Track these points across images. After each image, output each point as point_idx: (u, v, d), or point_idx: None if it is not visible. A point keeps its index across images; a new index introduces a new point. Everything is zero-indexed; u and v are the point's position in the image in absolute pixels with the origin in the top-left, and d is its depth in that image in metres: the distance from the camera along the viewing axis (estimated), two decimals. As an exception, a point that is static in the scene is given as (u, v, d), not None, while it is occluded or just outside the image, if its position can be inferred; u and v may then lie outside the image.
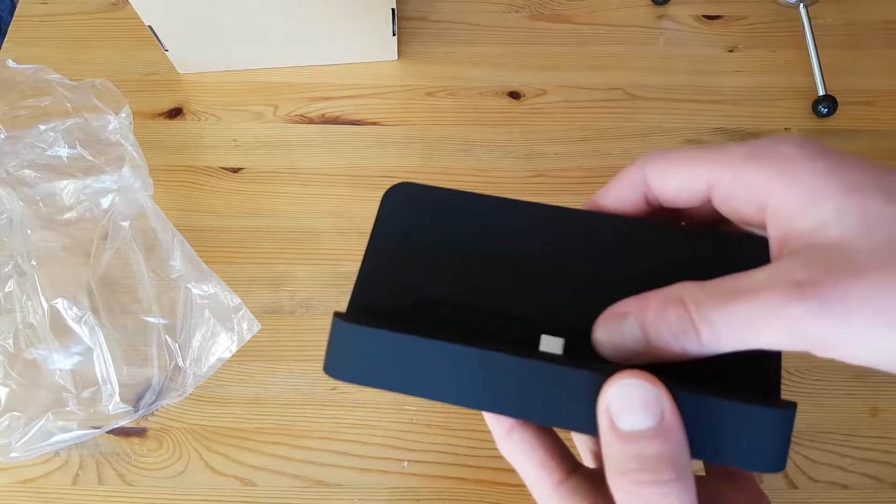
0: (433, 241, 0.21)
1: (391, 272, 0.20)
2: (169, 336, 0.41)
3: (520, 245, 0.20)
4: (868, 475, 0.40)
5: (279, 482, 0.39)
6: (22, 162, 0.44)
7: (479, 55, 0.54)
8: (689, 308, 0.17)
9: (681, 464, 0.16)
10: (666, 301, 0.17)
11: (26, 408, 0.38)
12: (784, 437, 0.16)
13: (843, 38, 0.54)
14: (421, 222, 0.21)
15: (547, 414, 0.17)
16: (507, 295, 0.20)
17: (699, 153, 0.20)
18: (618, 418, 0.16)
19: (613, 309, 0.18)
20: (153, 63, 0.52)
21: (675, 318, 0.17)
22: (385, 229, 0.21)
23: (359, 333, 0.18)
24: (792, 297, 0.15)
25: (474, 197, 0.21)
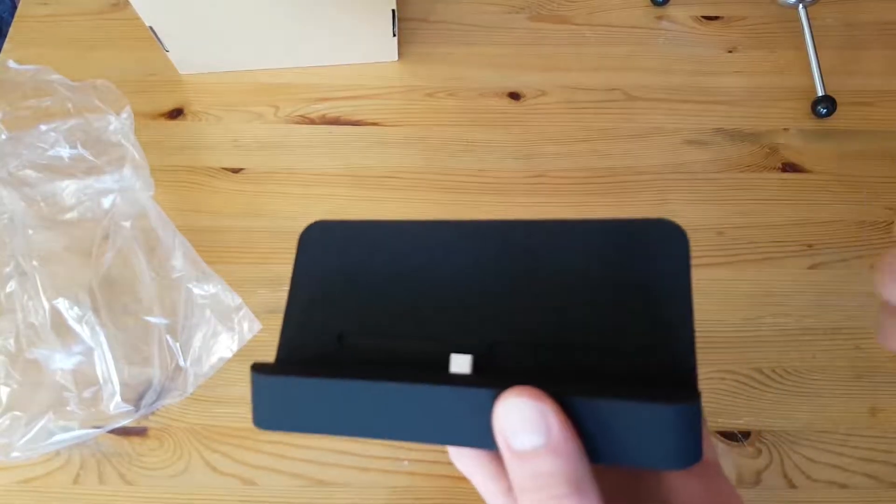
0: (351, 275, 0.21)
1: (313, 312, 0.21)
2: (170, 336, 0.41)
3: (433, 265, 0.20)
4: (867, 475, 0.40)
5: (280, 481, 0.39)
6: (23, 162, 0.44)
7: (479, 56, 0.54)
8: None
9: (577, 476, 0.16)
10: None
11: (27, 407, 0.38)
12: (687, 432, 0.16)
13: (843, 39, 0.54)
14: (338, 258, 0.21)
15: (463, 437, 0.17)
16: (421, 317, 0.20)
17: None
18: (509, 438, 0.16)
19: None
20: (154, 64, 0.52)
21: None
22: (304, 270, 0.22)
23: (274, 384, 0.19)
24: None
25: (386, 225, 0.21)
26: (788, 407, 0.41)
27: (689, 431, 0.16)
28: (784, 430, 0.41)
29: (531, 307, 0.19)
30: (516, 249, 0.20)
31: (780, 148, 0.50)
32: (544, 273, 0.19)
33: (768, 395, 0.42)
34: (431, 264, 0.20)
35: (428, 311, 0.20)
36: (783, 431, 0.41)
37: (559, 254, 0.19)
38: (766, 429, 0.41)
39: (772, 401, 0.41)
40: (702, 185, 0.48)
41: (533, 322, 0.19)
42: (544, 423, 0.16)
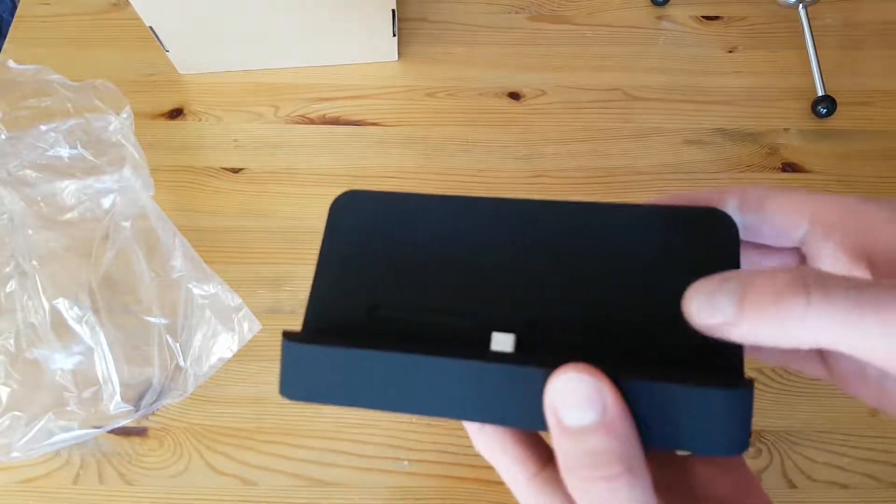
0: (384, 247, 0.20)
1: (344, 282, 0.20)
2: (170, 336, 0.41)
3: (472, 241, 0.20)
4: (867, 475, 0.40)
5: (280, 481, 0.39)
6: (23, 162, 0.44)
7: (479, 56, 0.54)
8: (807, 275, 0.15)
9: (630, 456, 0.16)
10: (780, 268, 0.16)
11: (27, 407, 0.38)
12: (740, 418, 0.16)
13: (843, 39, 0.54)
14: (370, 229, 0.21)
15: (503, 415, 0.17)
16: (460, 293, 0.19)
17: (802, 190, 0.19)
18: (562, 414, 0.16)
19: (720, 274, 0.17)
20: (154, 63, 0.52)
21: (787, 279, 0.15)
22: (335, 239, 0.21)
23: (307, 352, 0.18)
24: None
25: (421, 198, 0.21)
26: (788, 407, 0.41)
27: (741, 417, 0.16)
28: (784, 430, 0.41)
29: (574, 289, 0.18)
30: (560, 229, 0.19)
31: (780, 148, 0.50)
32: (589, 255, 0.19)
33: (768, 394, 0.42)
34: (469, 240, 0.20)
35: (465, 287, 0.19)
36: (783, 431, 0.41)
37: (605, 237, 0.19)
38: (766, 429, 0.41)
39: (772, 401, 0.41)
40: (702, 185, 0.48)
41: (576, 303, 0.18)
42: (600, 399, 0.15)
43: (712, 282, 0.16)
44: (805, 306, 0.14)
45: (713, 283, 0.16)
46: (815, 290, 0.14)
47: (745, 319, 0.15)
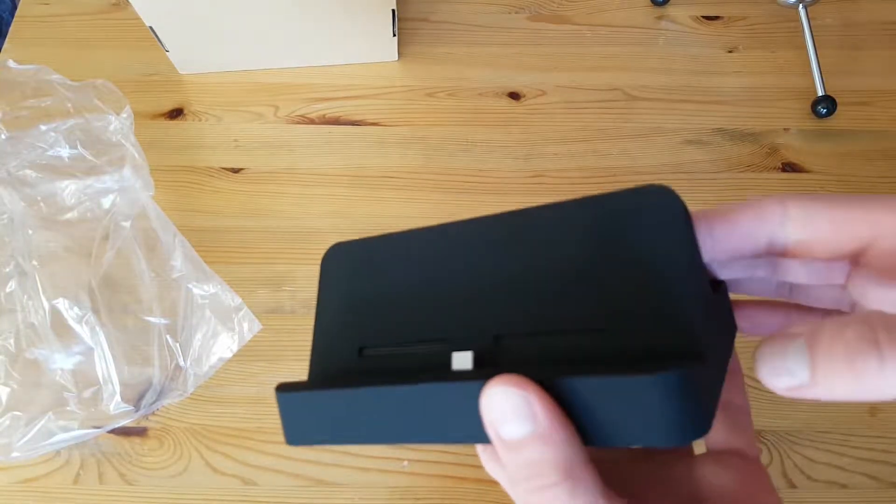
0: (367, 290, 0.22)
1: (337, 330, 0.22)
2: (170, 336, 0.41)
3: (437, 268, 0.20)
4: (867, 474, 0.40)
5: (280, 481, 0.39)
6: (23, 162, 0.44)
7: (479, 56, 0.54)
8: (877, 327, 0.14)
9: (568, 461, 0.15)
10: (845, 322, 0.15)
11: (27, 407, 0.38)
12: (676, 404, 0.15)
13: (843, 39, 0.54)
14: (355, 276, 0.22)
15: (465, 434, 0.17)
16: (428, 320, 0.20)
17: (857, 197, 0.17)
18: (498, 428, 0.16)
19: (783, 330, 0.16)
20: (154, 63, 0.52)
21: (856, 335, 0.14)
22: (328, 291, 0.23)
23: (298, 400, 0.20)
24: None
25: (397, 236, 0.22)
26: (788, 407, 0.41)
27: (678, 403, 0.15)
28: (784, 430, 0.41)
29: (530, 296, 0.19)
30: (512, 240, 0.20)
31: (780, 148, 0.50)
32: (540, 260, 0.19)
33: (768, 394, 0.41)
34: (436, 268, 0.21)
35: (434, 313, 0.20)
36: (783, 431, 0.41)
37: (554, 238, 0.19)
38: (766, 428, 0.41)
39: (772, 400, 0.41)
40: (701, 185, 0.48)
41: (533, 311, 0.18)
42: (529, 410, 0.15)
43: (778, 343, 0.15)
44: (879, 363, 0.14)
45: (779, 344, 0.15)
46: (887, 346, 0.13)
47: (819, 384, 0.15)
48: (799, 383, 0.15)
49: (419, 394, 0.17)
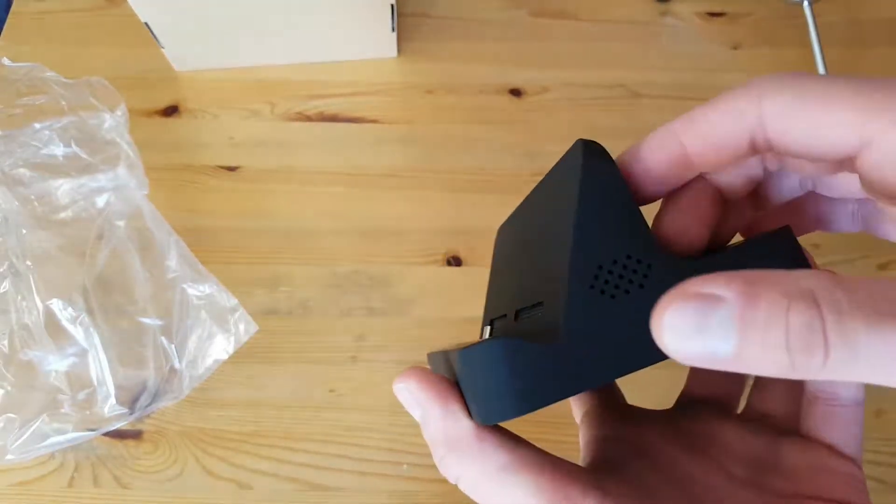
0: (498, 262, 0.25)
1: (490, 300, 0.25)
2: (165, 337, 0.40)
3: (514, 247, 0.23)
4: (872, 477, 0.39)
5: (276, 485, 0.39)
6: (17, 161, 0.43)
7: (480, 52, 0.53)
8: (825, 315, 0.11)
9: (450, 437, 0.17)
10: (788, 296, 0.12)
11: (21, 409, 0.38)
12: (497, 376, 0.15)
13: (848, 36, 0.54)
14: (498, 251, 0.25)
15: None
16: (502, 297, 0.22)
17: (851, 89, 0.14)
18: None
19: (694, 286, 0.12)
20: (149, 60, 0.51)
21: (801, 324, 0.11)
22: (493, 265, 0.25)
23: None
24: None
25: (518, 211, 0.24)
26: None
27: (498, 374, 0.15)
28: (789, 434, 0.40)
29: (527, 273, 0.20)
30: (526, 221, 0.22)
31: (785, 146, 0.49)
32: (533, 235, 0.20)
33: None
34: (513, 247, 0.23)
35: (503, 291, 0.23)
36: (788, 434, 0.40)
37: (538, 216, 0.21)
38: (771, 432, 0.40)
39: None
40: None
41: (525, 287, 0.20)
42: (413, 398, 0.17)
43: (695, 307, 0.12)
44: (823, 361, 0.12)
45: (697, 309, 0.12)
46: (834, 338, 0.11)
47: (743, 364, 0.12)
48: (716, 357, 0.12)
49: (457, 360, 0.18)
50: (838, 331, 0.11)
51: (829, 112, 0.14)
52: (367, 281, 0.44)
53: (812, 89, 0.14)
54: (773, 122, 0.15)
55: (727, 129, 0.16)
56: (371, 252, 0.45)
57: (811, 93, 0.14)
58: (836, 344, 0.11)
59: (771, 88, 0.15)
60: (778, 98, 0.15)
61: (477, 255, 0.45)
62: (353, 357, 0.42)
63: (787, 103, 0.14)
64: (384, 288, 0.44)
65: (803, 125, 0.14)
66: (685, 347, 0.12)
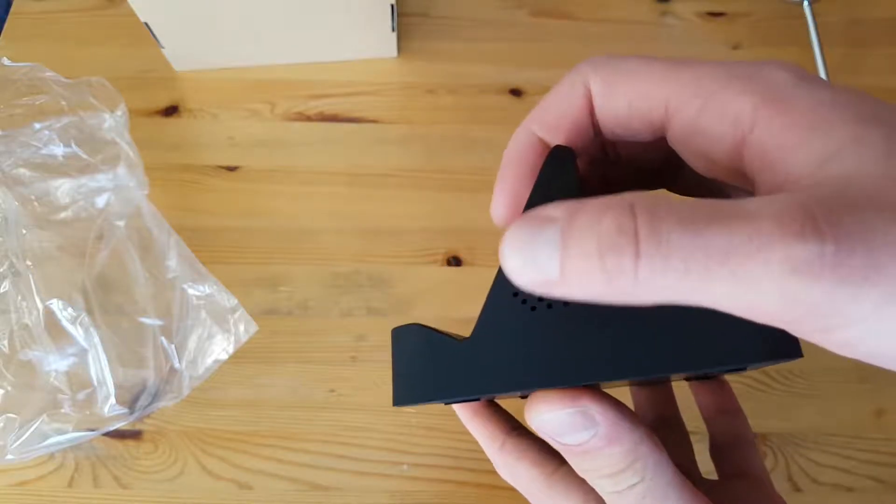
0: None
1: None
2: (165, 337, 0.40)
3: None
4: (873, 477, 0.39)
5: (276, 486, 0.39)
6: (17, 160, 0.43)
7: (480, 52, 0.53)
8: (638, 216, 0.11)
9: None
10: (607, 205, 0.12)
11: (21, 409, 0.38)
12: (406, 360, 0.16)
13: (848, 36, 0.54)
14: None
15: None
16: None
17: (660, 64, 0.15)
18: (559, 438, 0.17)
19: (538, 211, 0.13)
20: (149, 60, 0.51)
21: (613, 226, 0.11)
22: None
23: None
24: (796, 233, 0.10)
25: None
26: (793, 409, 0.41)
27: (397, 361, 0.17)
28: (789, 433, 0.40)
29: None
30: None
31: (785, 146, 0.49)
32: None
33: (773, 397, 0.41)
34: None
35: None
36: (788, 434, 0.40)
37: None
38: (771, 431, 0.40)
39: (777, 403, 0.41)
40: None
41: None
42: (581, 420, 0.15)
43: (528, 227, 0.12)
44: (633, 264, 0.11)
45: (530, 228, 0.12)
46: (645, 242, 0.11)
47: (569, 282, 0.12)
48: (546, 278, 0.12)
49: None
50: (649, 228, 0.11)
51: (644, 81, 0.15)
52: (367, 281, 0.44)
53: (629, 64, 0.15)
54: (597, 96, 0.16)
55: (565, 113, 0.17)
56: (371, 252, 0.45)
57: (628, 67, 0.15)
58: (646, 242, 0.11)
59: (596, 64, 0.16)
60: (601, 71, 0.16)
61: (477, 255, 0.45)
62: (353, 357, 0.42)
63: (607, 76, 0.16)
64: (384, 288, 0.44)
65: (621, 97, 0.15)
66: (520, 270, 0.12)
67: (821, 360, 0.42)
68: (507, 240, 0.13)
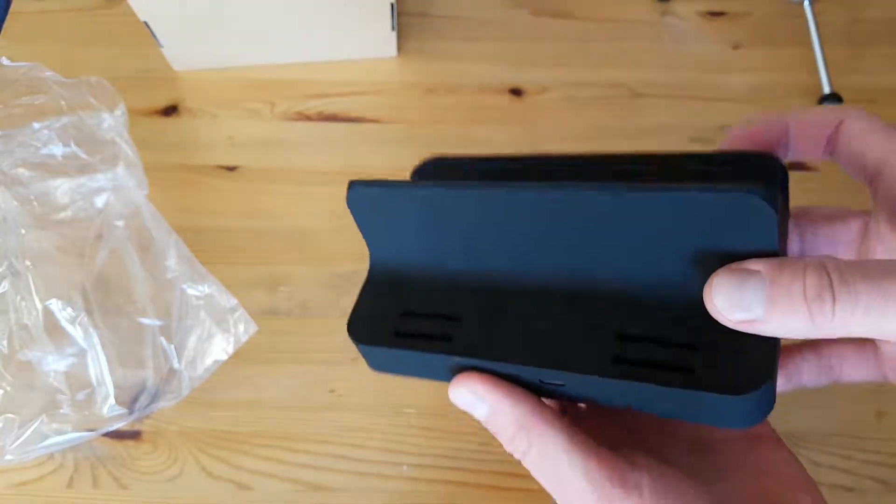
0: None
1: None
2: (164, 338, 0.40)
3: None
4: (874, 478, 0.39)
5: (276, 486, 0.39)
6: (16, 160, 0.43)
7: (480, 51, 0.53)
8: (832, 273, 0.15)
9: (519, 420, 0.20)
10: (807, 265, 0.16)
11: (20, 410, 0.38)
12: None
13: (849, 36, 0.54)
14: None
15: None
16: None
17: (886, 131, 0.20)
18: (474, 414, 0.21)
19: (740, 264, 0.17)
20: (148, 60, 0.51)
21: (815, 282, 0.15)
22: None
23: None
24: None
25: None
26: (793, 409, 0.41)
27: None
28: (789, 433, 0.40)
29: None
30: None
31: (785, 146, 0.49)
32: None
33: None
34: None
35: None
36: (788, 434, 0.40)
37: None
38: (772, 432, 0.40)
39: (777, 403, 0.41)
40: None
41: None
42: (477, 397, 0.20)
43: (736, 276, 0.17)
44: (832, 309, 0.15)
45: (737, 277, 0.17)
46: (840, 293, 0.15)
47: (772, 321, 0.16)
48: (753, 318, 0.16)
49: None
50: (841, 282, 0.15)
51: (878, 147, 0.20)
52: (367, 281, 0.44)
53: (870, 127, 0.20)
54: (843, 135, 0.21)
55: (819, 125, 0.21)
56: (371, 252, 0.45)
57: (865, 127, 0.20)
58: (840, 292, 0.15)
59: (855, 115, 0.21)
60: (854, 122, 0.21)
61: (477, 255, 0.45)
62: (353, 357, 0.42)
63: (858, 127, 0.20)
64: (384, 288, 0.44)
65: (856, 143, 0.20)
66: (728, 310, 0.17)
67: (821, 361, 0.42)
68: (716, 286, 0.17)
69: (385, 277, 0.25)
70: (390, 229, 0.23)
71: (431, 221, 0.22)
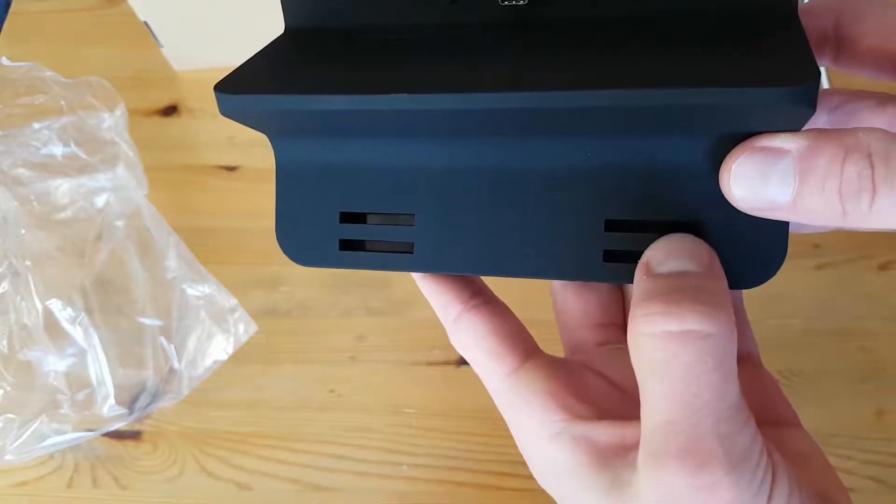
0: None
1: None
2: (164, 337, 0.40)
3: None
4: (873, 478, 0.39)
5: (276, 486, 0.39)
6: (16, 160, 0.43)
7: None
8: (876, 164, 0.13)
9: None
10: (848, 149, 0.13)
11: (20, 410, 0.38)
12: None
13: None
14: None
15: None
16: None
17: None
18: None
19: (762, 141, 0.14)
20: (148, 60, 0.51)
21: (854, 174, 0.13)
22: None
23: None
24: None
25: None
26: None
27: None
28: (789, 434, 0.40)
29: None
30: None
31: (785, 145, 0.49)
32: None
33: (773, 397, 0.41)
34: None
35: None
36: (788, 435, 0.40)
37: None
38: (771, 432, 0.40)
39: (777, 403, 0.41)
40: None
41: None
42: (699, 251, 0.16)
43: (761, 159, 0.14)
44: (870, 205, 0.13)
45: (762, 161, 0.14)
46: (882, 186, 0.13)
47: (798, 211, 0.14)
48: (775, 206, 0.14)
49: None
50: (885, 173, 0.13)
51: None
52: (367, 281, 0.44)
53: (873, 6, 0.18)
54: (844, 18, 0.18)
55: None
56: (371, 252, 0.45)
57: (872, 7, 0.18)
58: (883, 185, 0.13)
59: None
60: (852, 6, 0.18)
61: (477, 255, 0.45)
62: (352, 357, 0.42)
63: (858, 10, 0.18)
64: (384, 288, 0.44)
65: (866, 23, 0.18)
66: (749, 195, 0.14)
67: (821, 361, 0.42)
68: (736, 171, 0.14)
69: (298, 166, 0.19)
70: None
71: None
